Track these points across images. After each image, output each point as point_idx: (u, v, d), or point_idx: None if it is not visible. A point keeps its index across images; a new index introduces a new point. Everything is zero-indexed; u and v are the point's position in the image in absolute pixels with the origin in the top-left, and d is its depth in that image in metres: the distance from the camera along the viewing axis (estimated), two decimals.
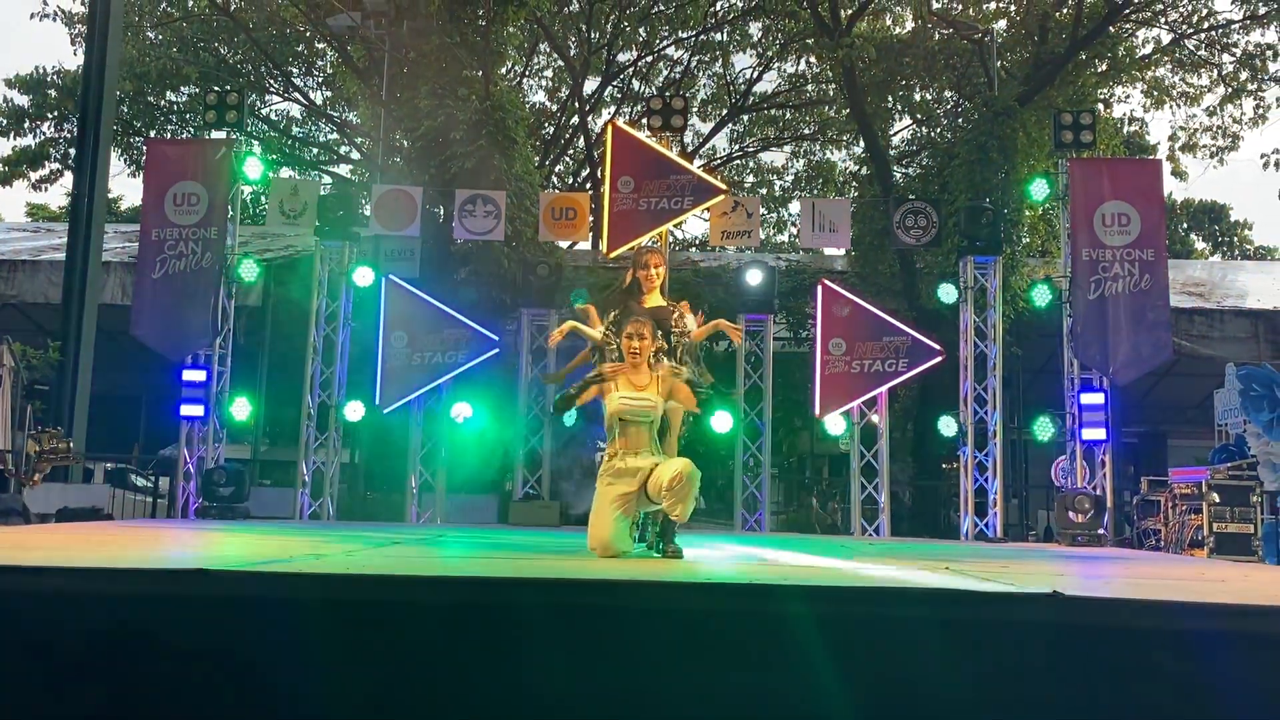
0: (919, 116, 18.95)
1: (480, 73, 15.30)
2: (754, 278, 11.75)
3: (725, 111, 21.24)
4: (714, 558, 5.53)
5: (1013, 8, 17.51)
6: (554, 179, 20.39)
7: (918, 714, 2.74)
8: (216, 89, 13.00)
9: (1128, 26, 17.16)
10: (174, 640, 2.78)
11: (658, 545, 5.22)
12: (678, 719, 2.73)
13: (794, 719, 2.71)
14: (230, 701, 2.73)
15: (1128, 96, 26.16)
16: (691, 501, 4.99)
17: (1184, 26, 17.44)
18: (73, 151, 16.85)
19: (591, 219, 13.04)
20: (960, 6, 18.03)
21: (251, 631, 2.81)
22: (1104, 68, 17.08)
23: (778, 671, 2.74)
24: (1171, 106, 18.82)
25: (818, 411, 11.31)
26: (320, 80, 21.57)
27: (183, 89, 20.19)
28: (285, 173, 18.96)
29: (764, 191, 22.22)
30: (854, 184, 19.74)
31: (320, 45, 20.30)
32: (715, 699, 2.73)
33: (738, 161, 22.70)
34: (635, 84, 21.23)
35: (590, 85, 20.14)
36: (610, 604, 2.97)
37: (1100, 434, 10.59)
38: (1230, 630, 2.81)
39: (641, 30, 19.87)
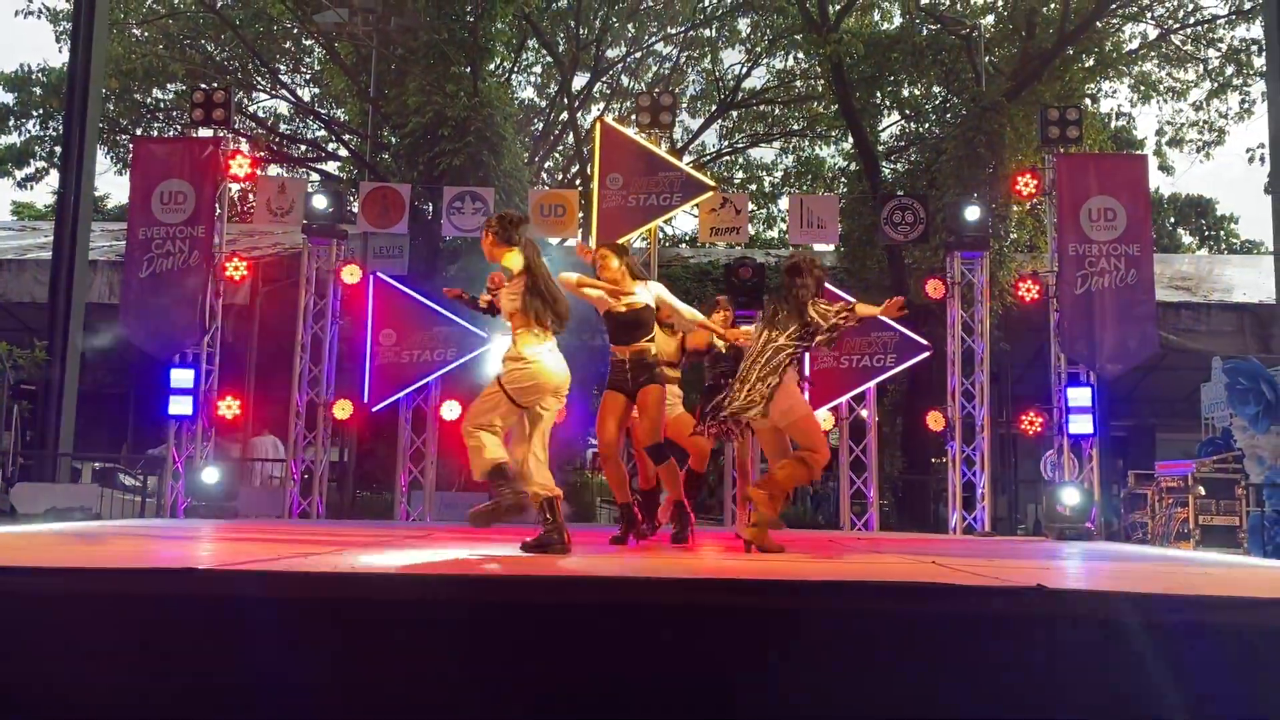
0: (907, 112, 18.94)
1: (468, 69, 15.27)
2: (743, 274, 11.76)
3: (714, 108, 21.23)
4: (707, 553, 5.54)
5: (1000, 3, 17.54)
6: (543, 175, 20.34)
7: (903, 707, 2.75)
8: (203, 86, 12.95)
9: (1115, 22, 17.21)
10: (163, 640, 2.78)
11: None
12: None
13: (765, 716, 2.72)
14: (217, 702, 2.73)
15: (1115, 91, 26.16)
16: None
17: (1170, 21, 17.50)
18: (58, 149, 16.77)
19: (580, 215, 13.04)
20: (948, 2, 18.06)
21: (240, 631, 2.81)
22: (1091, 63, 17.13)
23: (754, 664, 2.75)
24: (1158, 101, 18.90)
25: None
26: (308, 77, 21.49)
27: (169, 86, 20.06)
28: (273, 170, 18.89)
29: (753, 188, 22.21)
30: (843, 180, 19.75)
31: (308, 42, 20.21)
32: (699, 689, 2.74)
33: (727, 158, 22.68)
34: (624, 80, 21.21)
35: (579, 81, 20.13)
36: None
37: (1088, 428, 10.63)
38: (1211, 622, 2.83)
39: (630, 26, 19.84)
